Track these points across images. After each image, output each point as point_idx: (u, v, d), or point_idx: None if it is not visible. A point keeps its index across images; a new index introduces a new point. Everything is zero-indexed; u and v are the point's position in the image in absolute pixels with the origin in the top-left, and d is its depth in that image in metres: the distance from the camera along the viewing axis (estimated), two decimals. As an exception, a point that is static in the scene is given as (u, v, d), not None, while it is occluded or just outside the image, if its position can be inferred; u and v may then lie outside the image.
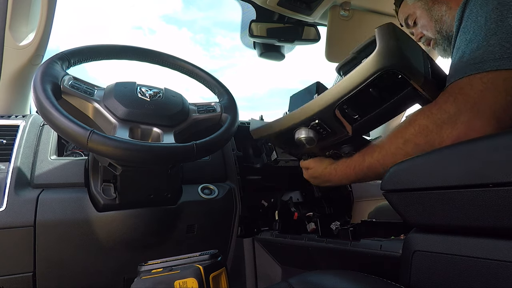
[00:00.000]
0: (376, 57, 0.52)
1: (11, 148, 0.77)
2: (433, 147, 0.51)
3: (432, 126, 0.51)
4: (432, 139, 0.51)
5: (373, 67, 0.53)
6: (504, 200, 0.35)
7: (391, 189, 0.48)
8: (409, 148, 0.53)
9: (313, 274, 0.53)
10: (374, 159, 0.60)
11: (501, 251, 0.36)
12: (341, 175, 0.68)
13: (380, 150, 0.60)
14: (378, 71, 0.52)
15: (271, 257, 0.97)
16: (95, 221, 0.74)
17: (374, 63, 0.52)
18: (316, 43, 1.29)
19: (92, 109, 0.66)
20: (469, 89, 0.48)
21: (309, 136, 0.64)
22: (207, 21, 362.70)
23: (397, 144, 0.56)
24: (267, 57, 1.34)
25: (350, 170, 0.66)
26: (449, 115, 0.49)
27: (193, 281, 0.48)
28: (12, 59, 0.91)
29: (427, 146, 0.52)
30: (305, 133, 0.64)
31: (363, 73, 0.54)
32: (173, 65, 0.84)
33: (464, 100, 0.49)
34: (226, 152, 1.02)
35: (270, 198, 1.09)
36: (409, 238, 0.47)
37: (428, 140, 0.52)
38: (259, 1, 1.14)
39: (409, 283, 0.46)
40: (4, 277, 0.68)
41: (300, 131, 0.65)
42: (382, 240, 0.60)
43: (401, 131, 0.56)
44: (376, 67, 0.52)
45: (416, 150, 0.53)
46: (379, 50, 0.52)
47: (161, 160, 0.62)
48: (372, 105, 0.59)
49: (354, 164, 0.65)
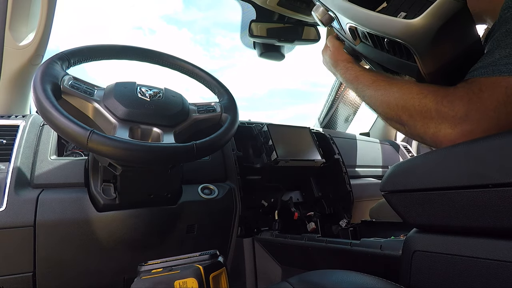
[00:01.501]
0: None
1: (11, 148, 0.77)
2: (424, 133, 0.47)
3: (435, 115, 0.46)
4: (427, 128, 0.47)
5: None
6: (504, 201, 0.35)
7: (390, 189, 0.48)
8: (404, 116, 0.49)
9: (313, 274, 0.53)
10: (373, 96, 0.57)
11: (501, 251, 0.36)
12: (344, 74, 0.66)
13: (381, 97, 0.55)
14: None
15: (271, 257, 0.97)
16: (95, 221, 0.74)
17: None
18: (316, 43, 1.29)
19: (92, 109, 0.66)
20: (489, 94, 0.41)
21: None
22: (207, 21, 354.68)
23: (396, 104, 0.51)
24: (267, 57, 1.34)
25: (353, 79, 0.63)
26: (453, 115, 0.44)
27: (193, 281, 0.48)
28: (12, 59, 0.91)
29: (421, 130, 0.48)
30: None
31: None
32: (173, 65, 0.84)
33: (476, 106, 0.42)
34: (226, 152, 1.02)
35: (270, 198, 1.09)
36: (409, 238, 0.47)
37: (423, 125, 0.47)
38: (259, 1, 1.14)
39: (409, 283, 0.46)
40: (4, 277, 0.68)
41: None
42: (382, 240, 0.60)
43: (405, 95, 0.50)
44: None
45: (409, 124, 0.50)
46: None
47: (161, 160, 0.62)
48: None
49: (359, 82, 0.62)
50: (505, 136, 0.38)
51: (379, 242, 0.60)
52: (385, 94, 0.55)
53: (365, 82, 0.61)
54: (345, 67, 0.67)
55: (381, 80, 0.58)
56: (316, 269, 0.72)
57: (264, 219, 1.06)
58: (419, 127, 0.48)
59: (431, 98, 0.47)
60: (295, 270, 0.91)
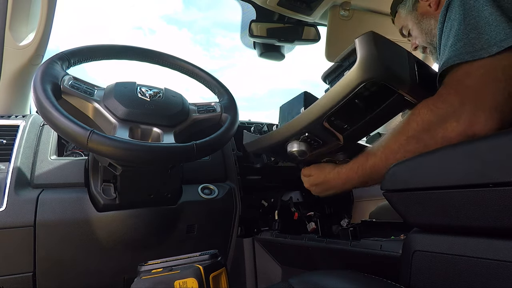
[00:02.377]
0: (357, 69, 0.51)
1: (11, 148, 0.77)
2: (436, 143, 0.49)
3: (437, 120, 0.49)
4: (436, 134, 0.49)
5: (355, 80, 0.51)
6: (504, 200, 0.35)
7: (391, 189, 0.48)
8: (412, 144, 0.52)
9: (313, 274, 0.53)
10: (378, 158, 0.59)
11: (501, 251, 0.36)
12: (344, 179, 0.66)
13: (384, 149, 0.58)
14: (360, 84, 0.51)
15: (271, 257, 0.97)
16: (95, 221, 0.74)
17: (355, 76, 0.51)
18: (316, 43, 1.29)
19: (92, 109, 0.66)
20: (467, 79, 0.47)
21: (300, 149, 0.64)
22: (207, 21, 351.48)
23: (400, 141, 0.54)
24: (267, 57, 1.34)
25: (353, 172, 0.64)
26: (454, 108, 0.47)
27: (193, 281, 0.48)
28: (12, 59, 0.91)
29: (431, 142, 0.50)
30: (297, 146, 0.64)
31: (345, 86, 0.53)
32: (173, 65, 0.84)
33: (465, 91, 0.47)
34: (226, 152, 1.02)
35: (270, 198, 1.09)
36: (409, 238, 0.47)
37: (433, 135, 0.50)
38: (259, 1, 1.14)
39: (409, 283, 0.46)
40: (4, 277, 0.68)
41: (292, 144, 0.65)
42: (382, 240, 0.60)
43: (404, 127, 0.55)
44: (358, 80, 0.51)
45: (419, 146, 0.52)
46: (360, 62, 0.51)
47: (161, 160, 0.62)
48: (360, 114, 0.58)
49: (357, 165, 0.63)
50: (505, 135, 0.38)
51: (379, 242, 0.59)
52: (386, 148, 0.57)
53: (361, 160, 0.62)
54: (337, 173, 0.68)
55: (371, 148, 0.62)
56: (316, 269, 0.72)
57: (264, 219, 1.05)
58: (431, 142, 0.50)
59: (425, 111, 0.51)
60: (295, 270, 0.91)
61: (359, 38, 0.52)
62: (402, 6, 0.90)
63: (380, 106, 0.56)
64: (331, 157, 0.72)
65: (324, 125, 0.60)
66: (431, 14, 0.82)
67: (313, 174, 0.73)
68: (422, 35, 0.85)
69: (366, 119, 0.59)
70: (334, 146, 0.65)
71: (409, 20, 0.88)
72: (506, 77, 0.45)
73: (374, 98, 0.55)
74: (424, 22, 0.84)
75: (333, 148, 0.66)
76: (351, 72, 0.52)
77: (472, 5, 0.50)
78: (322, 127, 0.60)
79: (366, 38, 0.51)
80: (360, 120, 0.59)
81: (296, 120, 0.62)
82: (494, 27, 0.47)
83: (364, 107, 0.56)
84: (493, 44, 0.46)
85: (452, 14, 0.53)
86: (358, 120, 0.60)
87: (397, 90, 0.53)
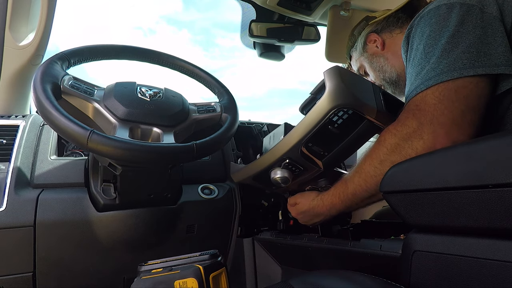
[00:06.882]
0: (326, 98, 0.58)
1: (11, 148, 0.77)
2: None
3: (402, 142, 0.53)
4: (406, 154, 0.52)
5: (325, 107, 0.58)
6: (503, 201, 0.35)
7: (389, 190, 0.48)
8: (387, 166, 0.53)
9: (313, 275, 0.53)
10: (356, 184, 0.61)
11: (501, 251, 0.36)
12: (328, 205, 0.68)
13: (360, 175, 0.60)
14: (330, 110, 0.58)
15: (271, 257, 0.97)
16: (95, 221, 0.74)
17: (325, 103, 0.58)
18: (316, 43, 1.29)
19: (92, 109, 0.66)
20: (424, 104, 0.52)
21: (283, 176, 0.68)
22: (206, 22, 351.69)
23: (374, 165, 0.57)
24: (267, 57, 1.34)
25: (336, 198, 0.66)
26: (414, 129, 0.52)
27: (193, 281, 0.48)
28: (12, 59, 0.91)
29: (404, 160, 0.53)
30: (280, 173, 0.68)
31: (318, 113, 0.59)
32: (173, 65, 0.84)
33: (422, 115, 0.52)
34: (226, 152, 1.02)
35: (270, 198, 1.08)
36: (409, 238, 0.47)
37: (403, 155, 0.53)
38: (259, 1, 1.14)
39: (409, 283, 0.46)
40: (4, 277, 0.68)
41: (275, 171, 0.69)
42: (382, 240, 0.60)
43: (374, 152, 0.58)
44: (328, 107, 0.58)
45: (386, 166, 0.54)
46: (328, 91, 0.58)
47: (161, 160, 0.62)
48: (335, 140, 0.64)
49: (338, 192, 0.65)
50: (504, 136, 0.38)
51: (379, 242, 0.59)
52: (361, 173, 0.60)
53: (342, 187, 0.65)
54: (321, 200, 0.70)
55: (348, 174, 0.65)
56: (316, 269, 0.72)
57: (264, 219, 1.05)
58: (401, 159, 0.52)
59: (389, 136, 0.55)
60: (295, 270, 0.91)
61: (327, 71, 0.60)
62: (354, 50, 1.00)
63: (352, 132, 0.62)
64: (314, 184, 0.76)
65: (303, 151, 0.65)
66: (379, 54, 0.91)
67: (299, 203, 0.76)
68: (375, 72, 0.93)
69: (341, 144, 0.64)
70: (315, 172, 0.70)
71: (362, 61, 0.97)
72: (458, 97, 0.49)
73: (346, 125, 0.61)
74: (374, 62, 0.92)
75: (314, 174, 0.71)
76: (322, 101, 0.59)
77: (428, 35, 0.55)
78: (301, 153, 0.65)
79: (332, 71, 0.59)
80: (336, 145, 0.65)
81: (276, 147, 0.67)
82: (451, 57, 0.51)
83: (339, 134, 0.62)
84: (445, 71, 0.51)
85: (414, 44, 0.59)
86: (334, 146, 0.65)
87: (365, 115, 0.58)
